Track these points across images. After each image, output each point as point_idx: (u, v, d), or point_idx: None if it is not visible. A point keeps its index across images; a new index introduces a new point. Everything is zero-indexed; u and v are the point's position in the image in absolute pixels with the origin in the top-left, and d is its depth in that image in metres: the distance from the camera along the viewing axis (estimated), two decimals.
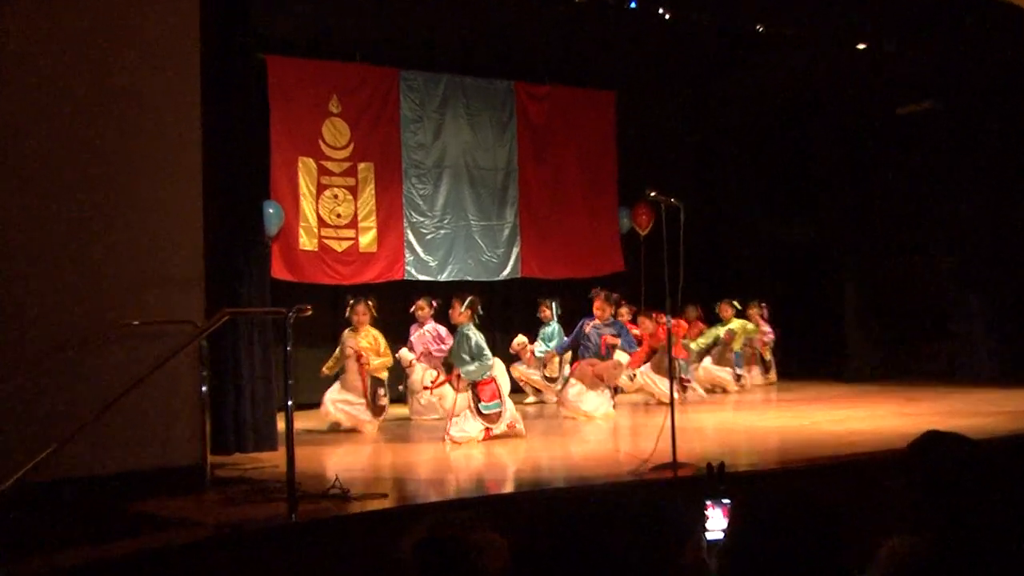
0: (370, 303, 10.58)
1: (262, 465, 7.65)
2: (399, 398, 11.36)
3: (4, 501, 4.76)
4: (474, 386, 8.95)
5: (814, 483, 6.62)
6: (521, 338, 12.64)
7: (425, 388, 9.77)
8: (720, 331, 13.97)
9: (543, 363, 12.50)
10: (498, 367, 9.36)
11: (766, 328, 14.49)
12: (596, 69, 14.48)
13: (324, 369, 10.49)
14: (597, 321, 11.10)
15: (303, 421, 9.40)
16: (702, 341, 13.84)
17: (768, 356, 14.57)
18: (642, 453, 7.11)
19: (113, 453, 6.14)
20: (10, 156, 6.32)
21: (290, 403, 5.79)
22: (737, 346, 13.92)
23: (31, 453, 5.31)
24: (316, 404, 10.10)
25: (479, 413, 8.86)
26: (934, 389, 12.13)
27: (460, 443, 8.75)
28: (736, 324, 13.99)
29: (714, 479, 2.51)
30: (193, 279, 6.93)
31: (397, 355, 10.96)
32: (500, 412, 8.92)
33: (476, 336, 9.22)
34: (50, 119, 6.46)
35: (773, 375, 14.58)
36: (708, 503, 2.43)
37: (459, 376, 9.14)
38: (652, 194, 7.62)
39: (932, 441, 2.94)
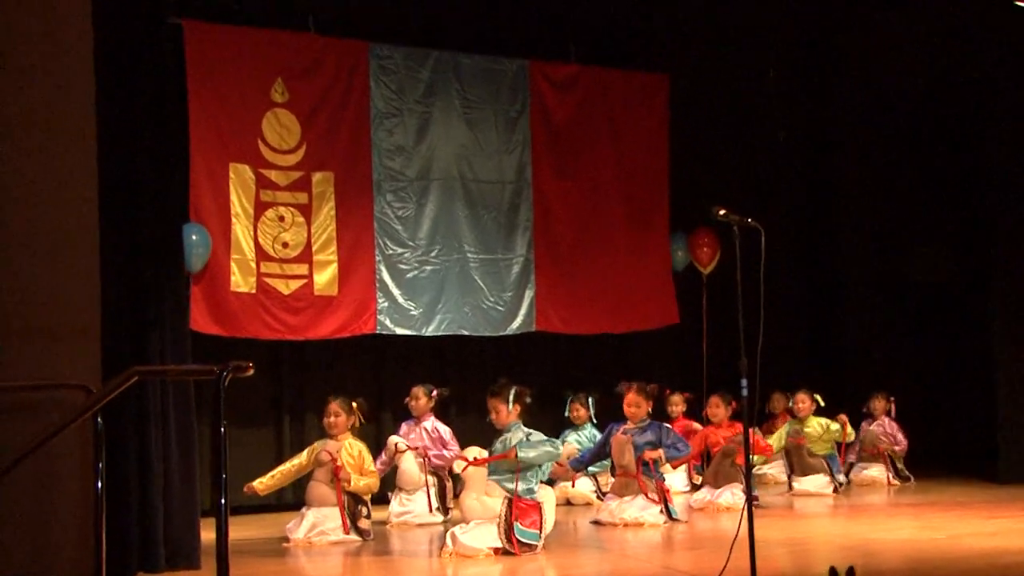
0: (355, 404, 10.58)
1: None
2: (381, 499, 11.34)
3: None
4: (511, 503, 9.03)
5: None
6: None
7: (463, 463, 9.74)
8: (784, 433, 13.95)
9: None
10: (548, 496, 9.52)
11: (898, 434, 14.48)
12: (642, 45, 14.59)
13: (256, 485, 10.23)
14: (630, 424, 11.10)
15: (240, 530, 9.35)
16: (776, 441, 13.80)
17: (901, 466, 14.51)
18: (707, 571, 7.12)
19: None
20: None
21: (224, 476, 5.75)
22: (822, 449, 13.86)
23: None
24: (250, 507, 10.10)
25: (508, 534, 8.93)
26: None
27: (467, 556, 8.84)
28: (813, 424, 13.90)
29: None
30: (85, 329, 6.93)
31: (384, 450, 11.14)
32: (536, 547, 9.01)
33: (532, 431, 9.49)
34: None
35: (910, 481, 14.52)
36: None
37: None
38: (721, 212, 7.63)
39: None
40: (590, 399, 13.02)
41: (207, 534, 8.73)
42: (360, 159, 13.08)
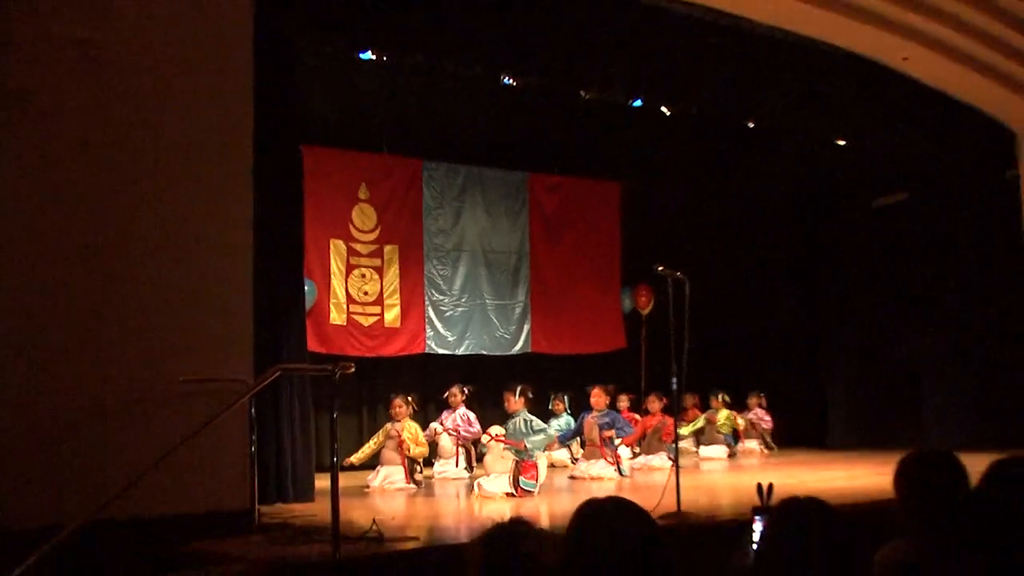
0: (410, 398, 10.75)
1: (301, 514, 7.76)
2: (427, 463, 11.33)
3: (76, 537, 4.88)
4: (519, 464, 9.10)
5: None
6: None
7: (488, 437, 9.83)
8: (702, 419, 14.08)
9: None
10: (542, 459, 9.56)
11: (766, 418, 14.62)
12: (603, 161, 14.73)
13: (352, 459, 10.45)
14: (595, 412, 11.23)
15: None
16: (691, 428, 13.93)
17: (769, 440, 14.61)
18: (648, 504, 7.21)
19: (171, 497, 6.25)
20: (93, 233, 6.56)
21: (336, 445, 5.93)
22: (725, 429, 14.02)
23: (100, 495, 5.49)
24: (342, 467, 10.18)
25: (516, 485, 8.98)
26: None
27: (488, 497, 8.91)
28: (722, 414, 14.08)
29: (762, 496, 2.70)
30: (244, 342, 7.09)
31: (430, 429, 11.14)
32: (533, 493, 9.04)
33: (532, 417, 9.59)
34: (128, 198, 6.70)
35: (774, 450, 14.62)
36: (755, 517, 2.62)
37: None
38: (659, 268, 7.70)
39: (919, 460, 3.15)
40: (566, 397, 13.09)
41: (319, 481, 8.99)
42: (415, 237, 13.19)
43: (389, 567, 5.72)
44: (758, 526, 2.62)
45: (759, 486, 2.92)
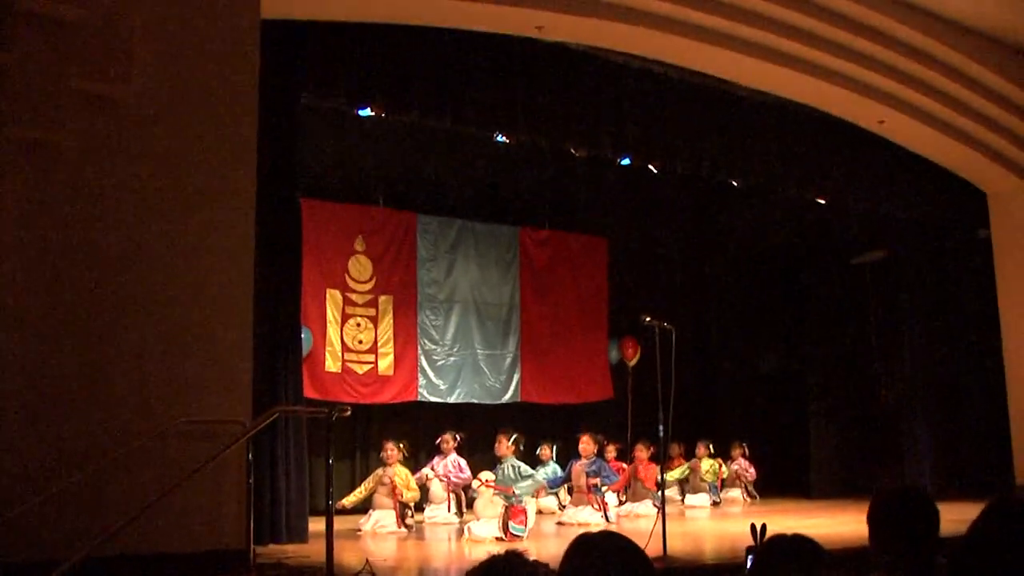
0: (402, 445, 10.74)
1: (295, 554, 7.72)
2: (418, 507, 11.25)
3: (75, 573, 4.86)
4: (508, 509, 9.09)
5: None
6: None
7: (479, 482, 9.79)
8: (687, 467, 14.03)
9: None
10: (531, 504, 9.64)
11: (749, 468, 14.58)
12: (591, 216, 14.87)
13: (344, 502, 10.35)
14: (583, 459, 11.21)
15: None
16: (676, 475, 13.88)
17: (751, 489, 14.56)
18: None
19: (169, 536, 6.23)
20: (98, 274, 6.59)
21: (331, 488, 5.93)
22: (709, 478, 13.98)
23: (100, 532, 5.47)
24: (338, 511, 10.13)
25: (505, 530, 8.95)
26: None
27: (478, 541, 8.90)
28: (706, 463, 14.04)
29: (756, 535, 2.73)
30: (243, 386, 7.10)
31: (420, 474, 11.09)
32: (522, 537, 9.00)
33: (521, 464, 9.65)
34: (135, 242, 6.75)
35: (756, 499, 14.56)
36: (749, 556, 2.65)
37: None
38: (647, 319, 7.74)
39: (891, 496, 3.19)
40: (553, 446, 13.06)
41: (312, 523, 8.94)
42: (409, 287, 13.21)
43: None
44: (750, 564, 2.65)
45: (752, 526, 2.94)
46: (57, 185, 6.55)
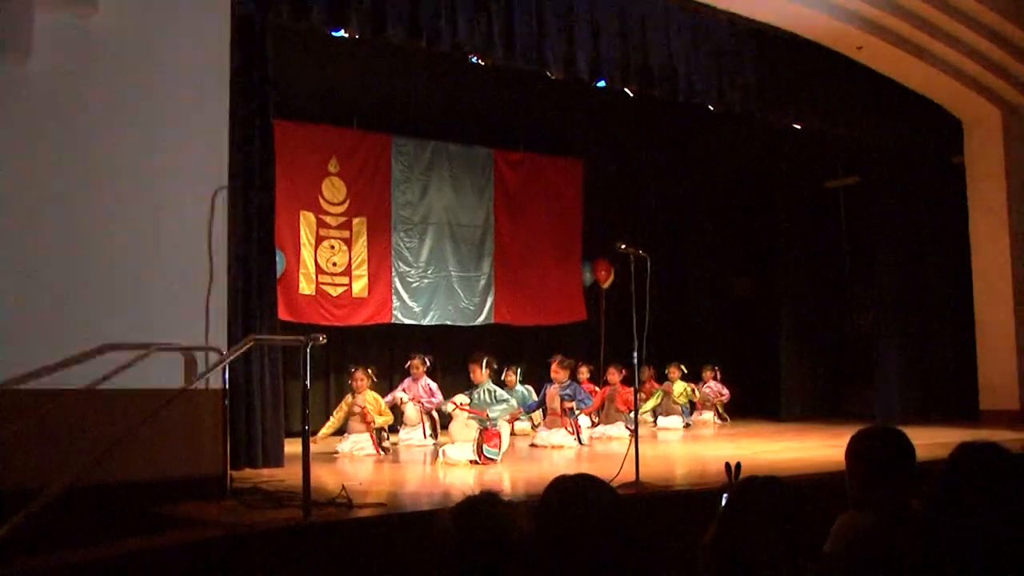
0: (370, 371, 10.69)
1: (270, 479, 7.77)
2: (392, 429, 11.28)
3: (55, 502, 4.89)
4: (482, 433, 9.13)
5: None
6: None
7: (453, 406, 9.80)
8: (659, 392, 14.14)
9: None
10: (504, 428, 9.61)
11: (723, 390, 14.73)
12: (567, 139, 14.83)
13: (318, 436, 10.18)
14: (557, 383, 11.30)
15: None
16: (651, 404, 13.97)
17: (722, 411, 14.71)
18: (608, 474, 7.28)
19: (145, 462, 6.25)
20: (72, 200, 6.51)
21: (308, 411, 5.95)
22: (682, 401, 14.11)
23: (77, 460, 5.49)
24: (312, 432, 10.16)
25: (479, 453, 9.01)
26: (854, 426, 12.31)
27: (452, 464, 8.95)
28: (679, 386, 14.15)
29: (731, 475, 2.77)
30: (218, 312, 7.06)
31: (391, 397, 11.12)
32: (496, 461, 9.06)
33: (495, 388, 9.69)
34: (109, 166, 6.65)
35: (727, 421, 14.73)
36: (724, 495, 2.69)
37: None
38: (622, 246, 7.66)
39: (867, 436, 3.25)
40: (518, 370, 12.98)
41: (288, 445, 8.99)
42: (383, 209, 13.22)
43: (358, 531, 5.76)
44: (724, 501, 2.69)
45: (727, 465, 2.98)
46: (26, 111, 6.42)
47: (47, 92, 6.51)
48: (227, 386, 7.01)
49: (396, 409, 11.16)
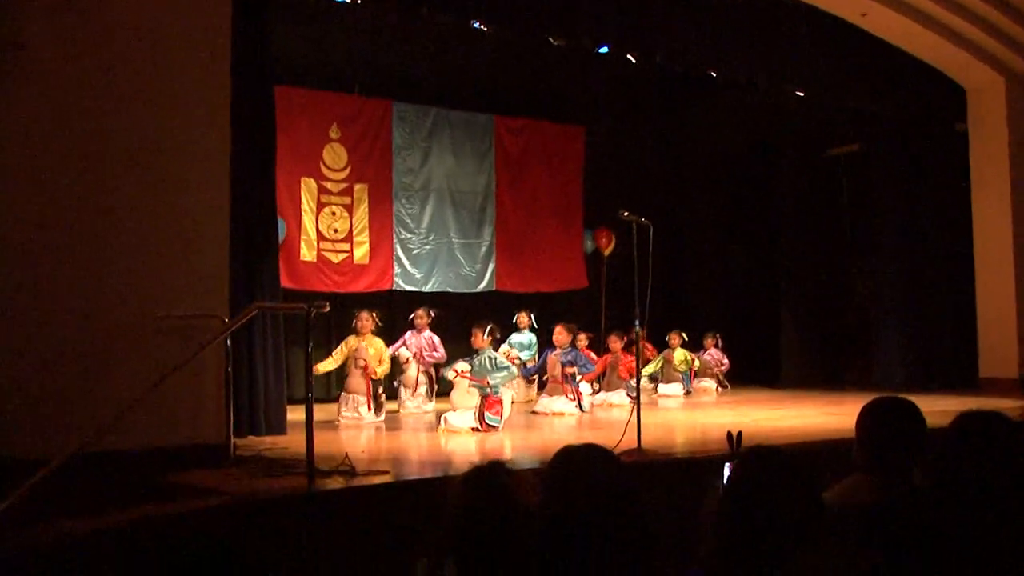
0: (374, 314, 10.71)
1: (273, 446, 7.81)
2: (392, 395, 11.34)
3: (63, 470, 4.92)
4: (484, 399, 9.16)
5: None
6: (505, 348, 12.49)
7: (454, 373, 9.82)
8: (660, 358, 14.15)
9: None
10: (506, 394, 9.62)
11: (724, 359, 14.76)
12: (568, 106, 14.77)
13: (319, 368, 10.17)
14: (558, 350, 11.32)
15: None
16: (650, 368, 13.98)
17: (723, 379, 14.74)
18: (610, 441, 7.31)
19: (150, 430, 6.27)
20: (73, 169, 6.50)
21: (311, 379, 5.99)
22: (682, 368, 14.14)
23: (81, 428, 5.52)
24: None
25: (481, 420, 9.04)
26: (854, 394, 12.45)
27: (454, 431, 8.97)
28: (679, 353, 14.15)
29: (732, 444, 2.79)
30: (220, 280, 7.07)
31: (395, 353, 11.11)
32: (497, 428, 9.10)
33: (497, 355, 9.67)
34: (109, 135, 6.63)
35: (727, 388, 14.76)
36: (726, 464, 2.71)
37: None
38: (625, 214, 7.66)
39: (881, 405, 3.29)
40: (532, 314, 13.17)
41: (290, 412, 9.04)
42: (384, 176, 13.20)
43: (362, 499, 5.80)
44: (727, 471, 2.71)
45: (729, 434, 3.00)
46: (29, 85, 6.40)
47: (44, 63, 6.48)
48: (230, 354, 7.04)
49: (395, 363, 11.15)
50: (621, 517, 2.59)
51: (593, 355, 12.82)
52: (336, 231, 12.74)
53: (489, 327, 9.73)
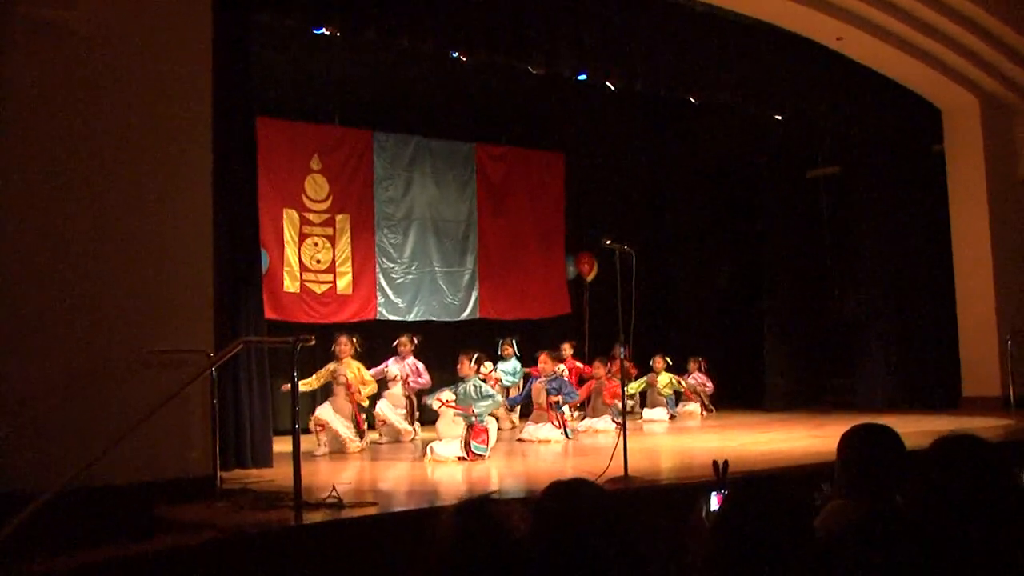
0: (354, 339, 10.75)
1: (259, 479, 7.81)
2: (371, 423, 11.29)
3: (50, 505, 4.93)
4: (470, 429, 9.20)
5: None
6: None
7: (439, 403, 9.82)
8: (644, 380, 14.18)
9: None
10: (492, 423, 9.70)
11: (708, 382, 14.80)
12: (548, 133, 14.86)
13: (302, 385, 9.99)
14: (542, 377, 11.37)
15: (285, 444, 9.54)
16: (633, 387, 14.00)
17: (708, 403, 14.76)
18: (597, 468, 7.34)
19: (135, 464, 6.27)
20: (57, 206, 6.52)
21: (296, 409, 6.00)
22: (666, 392, 14.18)
23: (66, 463, 5.52)
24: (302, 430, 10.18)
25: (467, 448, 9.07)
26: (838, 415, 12.52)
27: (440, 461, 9.00)
28: (663, 377, 14.18)
29: (718, 473, 2.83)
30: (205, 312, 7.09)
31: (378, 370, 11.20)
32: (484, 457, 9.13)
33: (481, 383, 9.70)
34: (92, 170, 6.66)
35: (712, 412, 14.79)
36: (712, 492, 2.75)
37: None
38: (608, 242, 7.72)
39: (860, 432, 3.35)
40: (514, 341, 13.24)
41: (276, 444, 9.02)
42: (366, 206, 13.23)
43: (351, 532, 5.80)
44: (714, 500, 2.76)
45: (715, 463, 3.05)
46: (20, 113, 6.44)
47: (24, 92, 6.51)
48: (216, 386, 7.05)
49: (382, 383, 11.22)
50: (611, 551, 2.63)
51: (578, 364, 12.89)
52: (319, 262, 12.76)
53: (476, 355, 9.78)
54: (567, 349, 13.18)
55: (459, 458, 9.01)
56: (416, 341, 11.57)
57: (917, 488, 2.97)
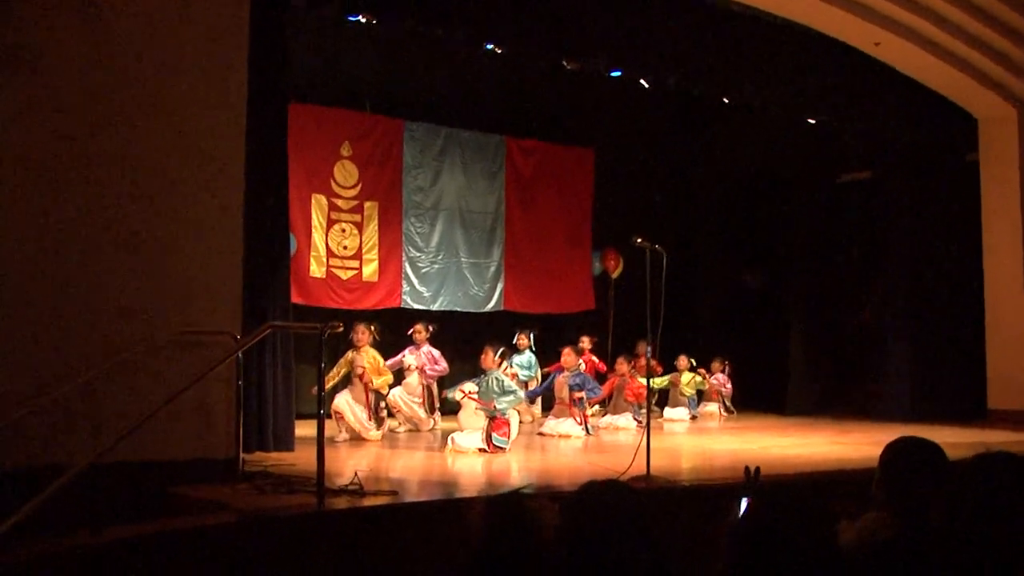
0: (372, 327, 10.76)
1: (279, 462, 7.84)
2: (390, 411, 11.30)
3: (74, 481, 4.96)
4: (492, 420, 9.21)
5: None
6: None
7: (461, 394, 9.82)
8: (667, 379, 14.13)
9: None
10: (514, 416, 9.69)
11: (727, 383, 14.73)
12: (579, 128, 14.81)
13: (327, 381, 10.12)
14: (566, 372, 11.36)
15: (306, 428, 9.62)
16: (657, 382, 13.92)
17: (729, 404, 14.71)
18: (619, 466, 7.33)
19: (159, 443, 6.31)
20: (90, 186, 6.56)
21: (323, 394, 6.02)
22: (689, 391, 14.15)
23: (94, 440, 5.57)
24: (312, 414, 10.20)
25: (488, 441, 9.09)
26: (860, 423, 12.50)
27: (461, 451, 9.01)
28: (686, 377, 14.14)
29: (749, 478, 2.82)
30: (233, 295, 7.14)
31: (395, 360, 11.22)
32: (505, 449, 9.14)
33: (504, 378, 9.68)
34: (124, 151, 6.71)
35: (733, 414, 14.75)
36: (742, 498, 2.73)
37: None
38: (638, 240, 7.69)
39: (906, 445, 3.32)
40: (532, 334, 13.10)
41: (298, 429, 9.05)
42: (395, 194, 13.21)
43: (371, 520, 5.83)
44: (744, 505, 2.74)
45: (747, 468, 3.03)
46: (45, 92, 6.47)
47: (61, 75, 6.55)
48: (241, 369, 7.08)
49: (398, 372, 11.22)
50: (641, 552, 2.63)
51: (593, 359, 12.86)
52: (346, 248, 12.78)
53: (501, 349, 9.78)
54: (585, 342, 13.14)
55: (480, 450, 9.03)
56: (432, 329, 11.59)
57: (954, 503, 2.95)
